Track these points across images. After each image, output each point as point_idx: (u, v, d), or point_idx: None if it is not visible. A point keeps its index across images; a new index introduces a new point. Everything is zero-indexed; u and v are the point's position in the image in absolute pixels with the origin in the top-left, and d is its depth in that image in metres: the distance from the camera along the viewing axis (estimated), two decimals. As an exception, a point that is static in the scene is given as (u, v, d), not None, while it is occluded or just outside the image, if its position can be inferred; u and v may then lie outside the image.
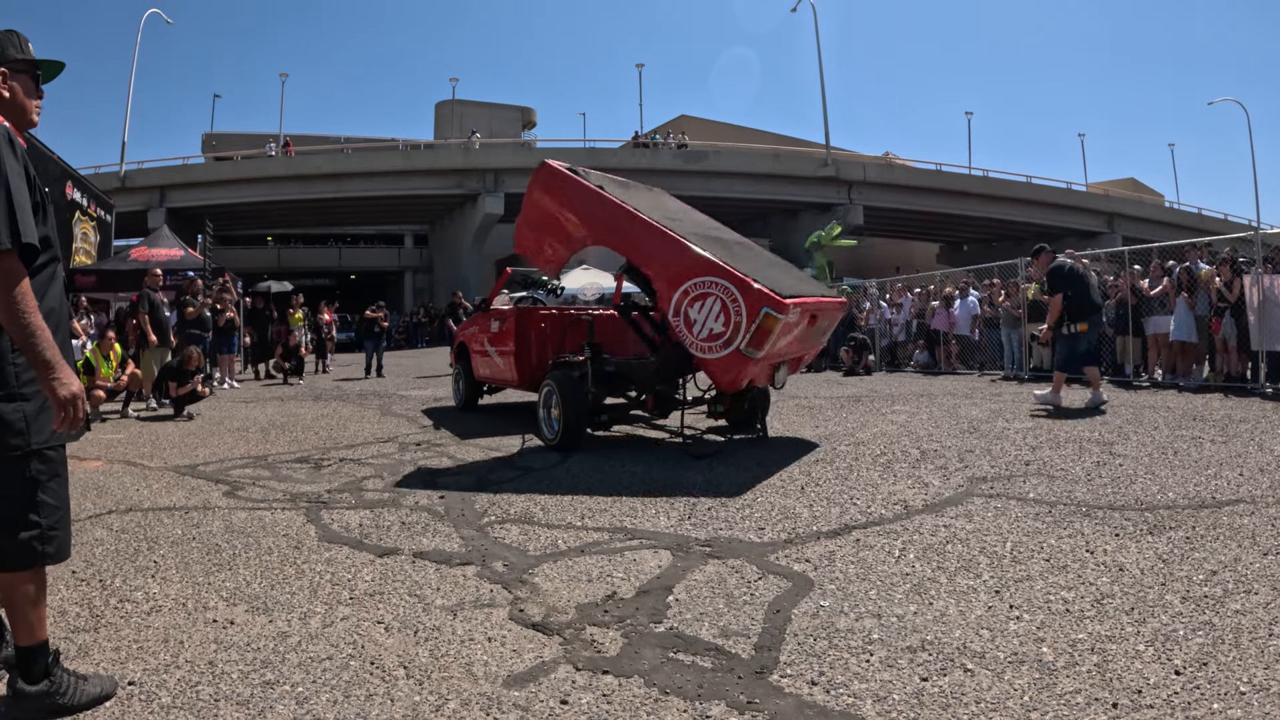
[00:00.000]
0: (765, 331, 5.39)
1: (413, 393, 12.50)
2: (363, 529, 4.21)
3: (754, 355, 5.49)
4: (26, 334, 2.05)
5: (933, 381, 13.21)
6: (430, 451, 6.68)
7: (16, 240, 2.07)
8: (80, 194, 18.05)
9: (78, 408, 2.11)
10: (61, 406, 2.09)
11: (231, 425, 8.78)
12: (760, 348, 5.46)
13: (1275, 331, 9.84)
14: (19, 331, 2.05)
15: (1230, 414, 7.85)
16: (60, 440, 2.27)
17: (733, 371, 5.69)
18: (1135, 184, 63.94)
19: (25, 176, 2.20)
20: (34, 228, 2.15)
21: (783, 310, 5.37)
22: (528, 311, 8.08)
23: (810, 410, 9.00)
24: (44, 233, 2.25)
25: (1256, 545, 3.57)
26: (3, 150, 2.15)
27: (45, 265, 2.30)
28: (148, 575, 3.54)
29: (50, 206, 2.37)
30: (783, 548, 3.72)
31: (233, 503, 4.93)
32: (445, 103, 52.96)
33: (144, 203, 36.96)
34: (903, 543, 3.74)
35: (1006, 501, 4.49)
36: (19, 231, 2.08)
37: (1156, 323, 11.52)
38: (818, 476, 5.27)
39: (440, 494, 5.04)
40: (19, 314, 2.04)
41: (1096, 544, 3.65)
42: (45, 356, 2.08)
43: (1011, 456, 5.86)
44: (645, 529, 4.11)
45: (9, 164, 2.14)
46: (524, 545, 3.86)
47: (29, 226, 2.12)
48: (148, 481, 5.67)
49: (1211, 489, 4.69)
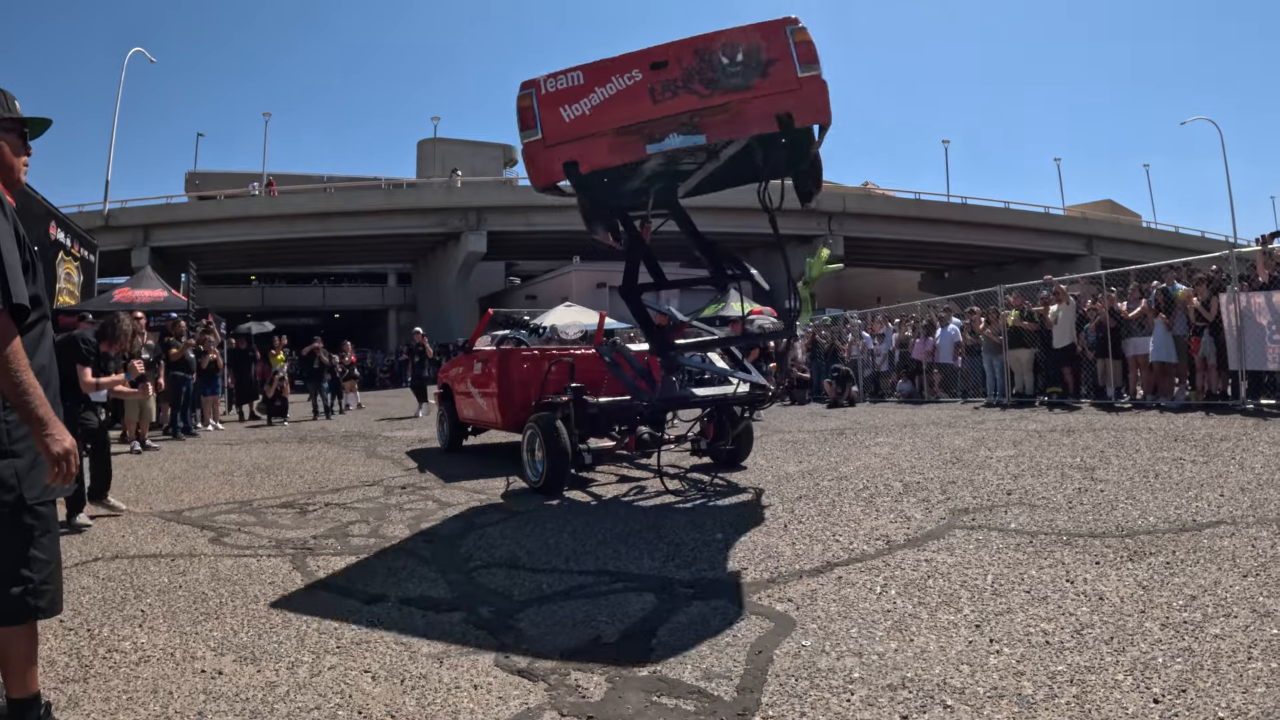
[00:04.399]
0: (525, 111, 5.41)
1: (398, 434, 12.49)
2: (349, 576, 4.23)
3: (532, 137, 5.43)
4: (19, 392, 2.09)
5: (916, 411, 13.31)
6: (415, 495, 6.69)
7: (8, 301, 2.11)
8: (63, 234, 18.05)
9: (70, 464, 2.15)
10: (55, 462, 2.12)
11: (216, 469, 8.76)
12: (532, 127, 5.41)
13: (1254, 349, 10.02)
14: (12, 389, 2.09)
15: (1211, 432, 7.98)
16: (52, 496, 2.30)
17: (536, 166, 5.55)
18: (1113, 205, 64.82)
19: (15, 236, 2.24)
20: (25, 288, 2.19)
21: (531, 85, 5.40)
22: (510, 353, 8.14)
23: (794, 445, 9.06)
24: (34, 291, 2.29)
25: (1236, 567, 3.64)
26: None
27: (35, 323, 2.34)
28: (135, 624, 3.54)
29: (39, 265, 2.41)
30: (765, 587, 3.76)
31: (219, 549, 4.92)
32: (427, 141, 53.31)
33: (128, 241, 36.90)
34: (884, 579, 3.78)
35: (988, 533, 4.55)
36: (10, 292, 2.12)
37: (1136, 344, 11.71)
38: (800, 514, 5.32)
39: (426, 539, 5.06)
40: (12, 372, 2.08)
41: (1077, 573, 3.70)
42: (38, 414, 2.11)
43: (993, 486, 5.93)
44: (629, 571, 4.14)
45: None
46: (509, 590, 3.88)
47: (19, 286, 2.16)
48: (133, 527, 5.65)
49: (1192, 511, 4.77)
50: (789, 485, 6.42)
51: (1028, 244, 46.93)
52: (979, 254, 48.71)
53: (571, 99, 5.32)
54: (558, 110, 5.31)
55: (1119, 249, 49.06)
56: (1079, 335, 12.70)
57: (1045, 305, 13.40)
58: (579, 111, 5.31)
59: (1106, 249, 48.32)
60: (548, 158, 5.37)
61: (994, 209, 47.04)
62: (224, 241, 39.10)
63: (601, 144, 5.35)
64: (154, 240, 37.51)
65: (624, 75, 5.30)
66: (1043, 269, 48.79)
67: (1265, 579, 3.46)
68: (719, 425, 7.33)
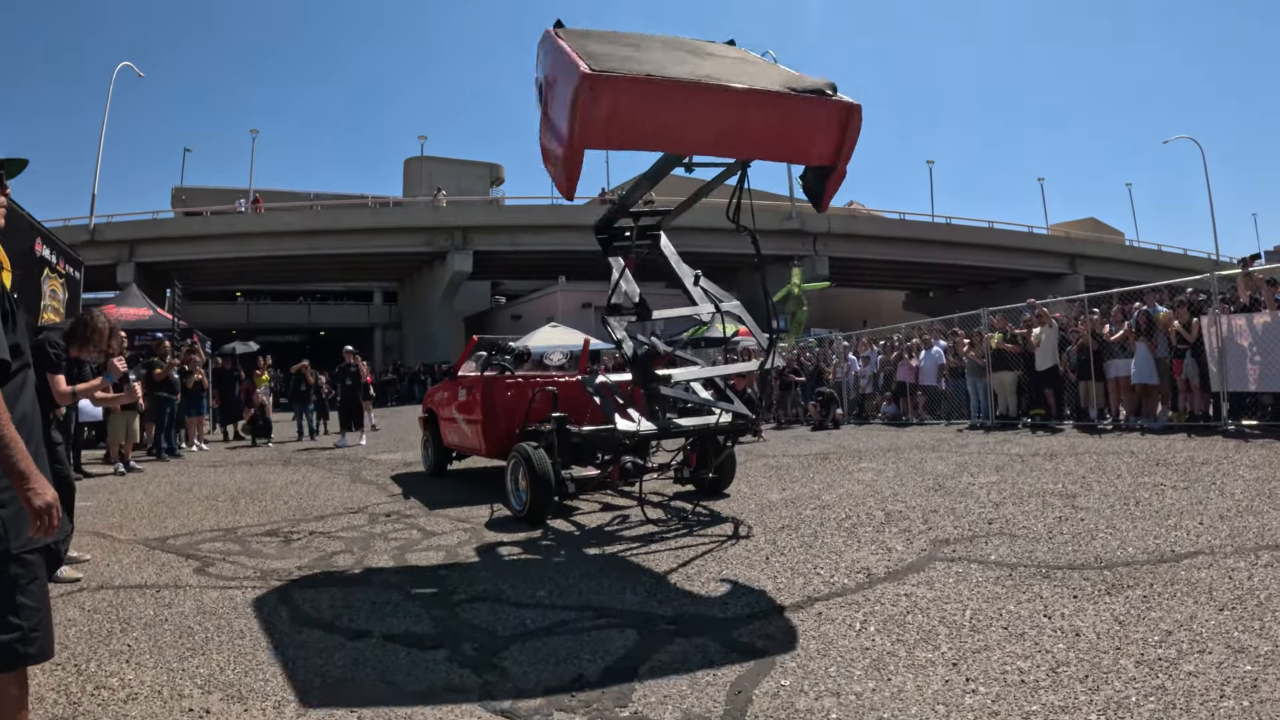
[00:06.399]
0: None
1: (383, 456, 12.49)
2: (334, 609, 4.24)
3: None
4: (1, 446, 2.12)
5: (900, 434, 13.40)
6: (400, 523, 6.70)
7: None
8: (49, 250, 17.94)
9: (53, 516, 2.17)
10: (38, 515, 2.15)
11: (200, 493, 8.74)
12: None
13: (1236, 370, 10.18)
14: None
15: (1193, 455, 8.11)
16: (38, 544, 2.32)
17: None
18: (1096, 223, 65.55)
19: None
20: (3, 342, 2.22)
21: None
22: (494, 381, 8.17)
23: (778, 470, 9.12)
24: (13, 341, 2.30)
25: (1213, 600, 3.71)
26: None
27: (17, 372, 2.35)
28: (122, 660, 3.55)
29: (19, 312, 2.43)
30: (746, 623, 3.80)
31: (204, 580, 4.93)
32: (414, 159, 53.33)
33: (113, 257, 36.78)
34: (864, 614, 3.84)
35: (968, 565, 4.61)
36: None
37: (1117, 366, 11.88)
38: (782, 545, 5.37)
39: (410, 571, 5.07)
40: None
41: (1054, 607, 3.76)
42: (20, 467, 2.14)
43: (975, 515, 6.00)
44: (612, 606, 4.17)
45: None
46: (493, 626, 3.91)
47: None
48: (118, 556, 5.65)
49: (1171, 541, 4.85)
50: (771, 514, 6.47)
51: (1012, 263, 47.41)
52: (964, 273, 49.17)
53: None
54: None
55: (1102, 267, 49.65)
56: (1062, 357, 12.86)
57: (1028, 328, 13.56)
58: None
59: (1090, 268, 48.89)
60: None
61: (978, 229, 47.52)
62: (210, 258, 39.04)
63: None
64: (140, 256, 37.40)
65: None
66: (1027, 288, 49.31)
67: (1240, 612, 3.53)
68: (702, 454, 7.38)
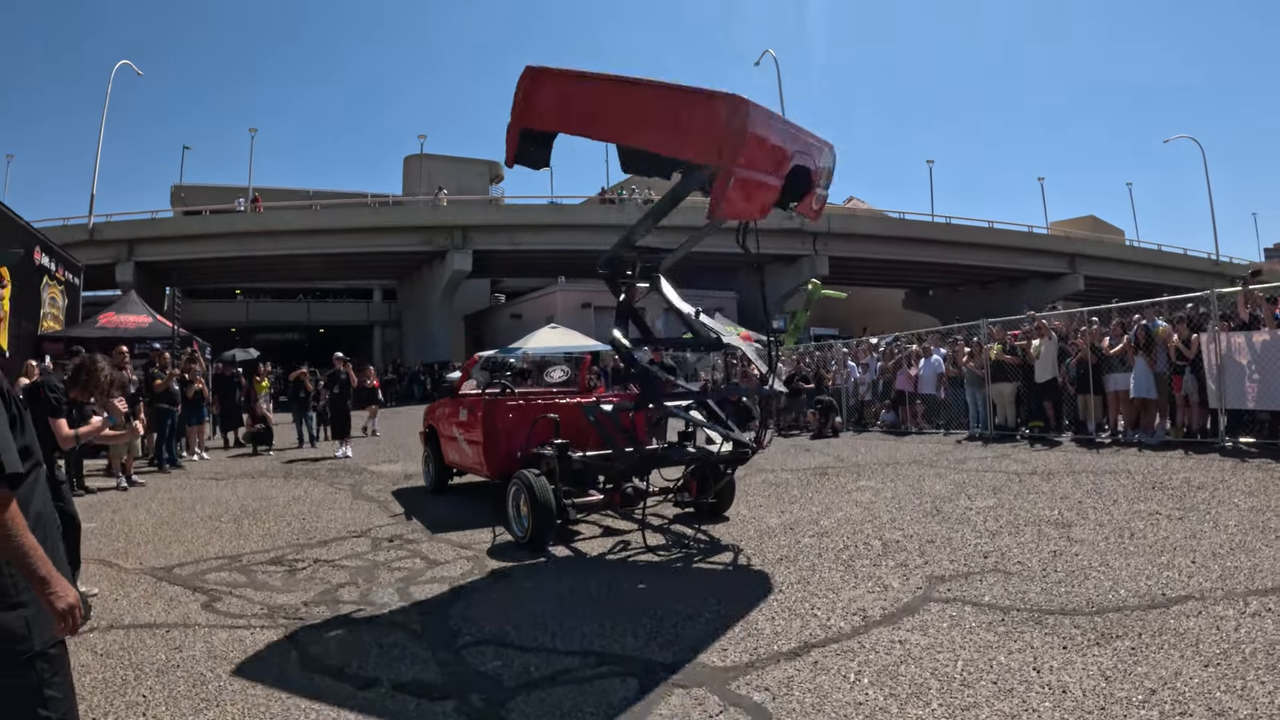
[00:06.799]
0: None
1: (384, 468, 12.58)
2: (343, 653, 4.33)
3: None
4: (20, 555, 2.18)
5: (899, 445, 13.52)
6: (403, 550, 6.79)
7: (1, 472, 2.18)
8: (48, 259, 18.07)
9: (75, 616, 2.26)
10: (61, 618, 2.23)
11: (203, 511, 8.83)
12: None
13: (1234, 388, 10.30)
14: (14, 554, 2.17)
15: (1189, 478, 8.25)
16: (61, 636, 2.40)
17: None
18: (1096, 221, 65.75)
19: (2, 397, 2.33)
20: (16, 455, 2.26)
21: None
22: (496, 404, 8.25)
23: (776, 488, 9.22)
24: (23, 443, 2.36)
25: (1199, 654, 3.80)
26: None
27: (29, 471, 2.39)
28: (139, 712, 3.65)
29: (26, 414, 2.48)
30: (743, 673, 3.90)
31: (212, 618, 5.02)
32: (414, 157, 53.40)
33: (112, 256, 36.86)
34: (859, 664, 3.94)
35: (962, 608, 4.71)
36: (3, 464, 2.19)
37: (1116, 380, 11.99)
38: (780, 581, 5.47)
39: (416, 608, 5.17)
40: (11, 538, 2.16)
41: (1044, 659, 3.86)
42: (40, 573, 2.21)
43: (971, 547, 6.10)
44: (613, 651, 4.27)
45: None
46: (499, 673, 4.00)
47: (12, 456, 2.23)
48: (125, 589, 5.74)
49: (1163, 582, 4.96)
50: (770, 543, 6.57)
51: (1011, 263, 47.58)
52: (963, 273, 49.34)
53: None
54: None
55: (1102, 267, 49.87)
56: (1061, 369, 12.97)
57: (1028, 339, 13.66)
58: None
59: (1089, 267, 49.10)
60: None
61: (977, 228, 47.68)
62: (209, 257, 39.11)
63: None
64: (139, 255, 37.47)
65: None
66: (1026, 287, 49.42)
67: (1224, 669, 3.63)
68: (702, 479, 7.49)
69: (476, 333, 48.34)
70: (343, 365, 15.35)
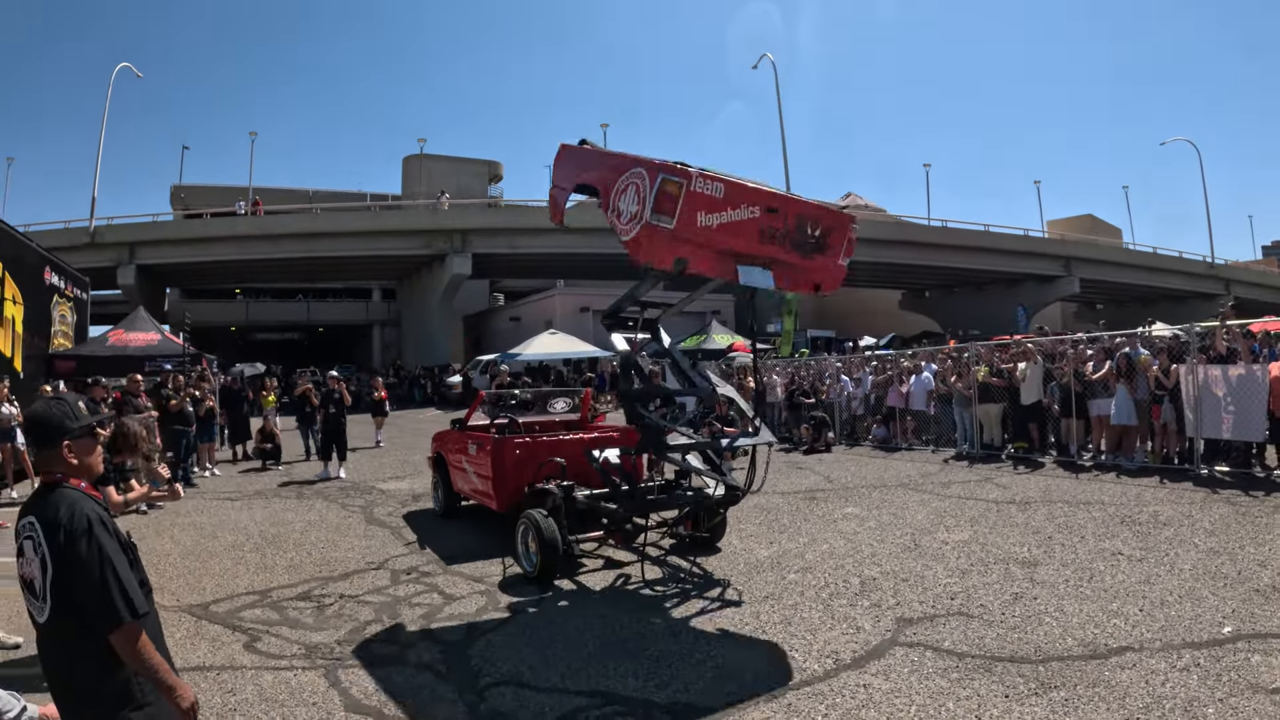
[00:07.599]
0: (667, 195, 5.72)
1: (391, 486, 13.17)
2: (380, 696, 4.91)
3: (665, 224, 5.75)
4: (151, 672, 2.69)
5: (888, 464, 14.15)
6: (421, 585, 7.36)
7: (135, 614, 2.65)
8: (58, 277, 18.60)
9: (195, 712, 2.81)
10: (185, 716, 2.77)
11: (225, 539, 9.37)
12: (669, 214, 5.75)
13: (1210, 418, 10.93)
14: (147, 672, 2.68)
15: (1158, 511, 8.90)
16: None
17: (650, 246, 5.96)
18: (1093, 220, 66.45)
19: (119, 542, 2.76)
20: (141, 596, 2.71)
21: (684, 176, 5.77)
22: (504, 442, 8.80)
23: (766, 514, 9.82)
24: (140, 577, 2.81)
25: (1124, 708, 4.32)
26: (99, 534, 2.65)
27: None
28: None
29: (137, 550, 2.93)
30: (726, 715, 4.49)
31: (256, 660, 5.59)
32: (413, 157, 53.86)
33: (113, 259, 37.36)
34: (826, 707, 4.53)
35: (924, 653, 5.29)
36: (135, 606, 2.65)
37: (1099, 405, 12.62)
38: (765, 620, 6.07)
39: (439, 646, 5.75)
40: (144, 660, 2.67)
41: (987, 707, 4.44)
42: (167, 682, 2.73)
43: (941, 587, 6.69)
44: (616, 692, 4.86)
45: (107, 545, 2.66)
46: (516, 714, 4.58)
47: (138, 597, 2.69)
48: (169, 629, 6.19)
49: (1109, 630, 5.51)
50: (758, 579, 7.17)
51: (1007, 266, 48.25)
52: (959, 275, 49.95)
53: (708, 208, 5.85)
54: (695, 213, 5.80)
55: (1097, 269, 50.57)
56: (1046, 393, 13.58)
57: (1014, 362, 14.28)
58: (709, 223, 5.89)
59: (1085, 270, 49.81)
60: (666, 246, 5.89)
61: (974, 231, 48.35)
62: (210, 260, 39.64)
63: (710, 256, 6.14)
64: (140, 258, 37.98)
65: (748, 207, 6.06)
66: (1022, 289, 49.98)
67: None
68: (696, 517, 8.11)
69: (475, 334, 48.86)
70: (337, 384, 15.38)
